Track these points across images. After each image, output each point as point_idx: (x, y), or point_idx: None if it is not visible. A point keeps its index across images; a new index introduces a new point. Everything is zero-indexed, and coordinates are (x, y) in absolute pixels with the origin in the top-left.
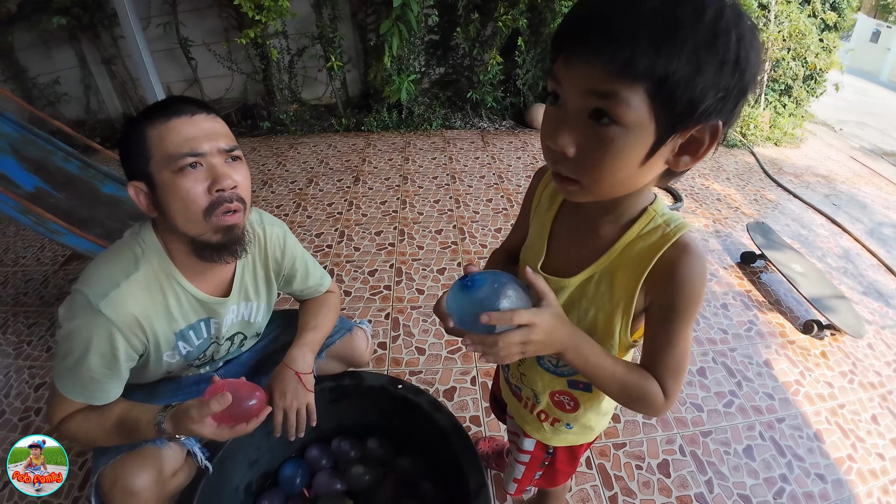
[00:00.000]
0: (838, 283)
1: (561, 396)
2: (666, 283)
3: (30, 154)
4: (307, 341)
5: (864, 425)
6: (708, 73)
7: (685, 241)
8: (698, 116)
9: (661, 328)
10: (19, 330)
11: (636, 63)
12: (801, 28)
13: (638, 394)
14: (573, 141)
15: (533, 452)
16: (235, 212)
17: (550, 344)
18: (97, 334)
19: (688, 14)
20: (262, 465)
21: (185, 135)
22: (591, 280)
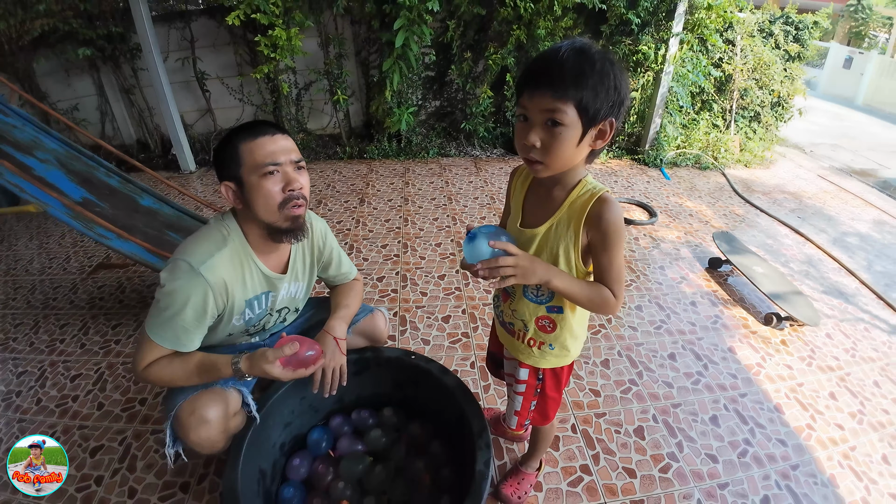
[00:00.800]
0: (799, 283)
1: (543, 321)
2: (597, 223)
3: (75, 168)
4: (341, 315)
5: (822, 401)
6: (601, 95)
7: (605, 197)
8: (601, 117)
9: (602, 254)
10: (51, 330)
11: (568, 93)
12: (764, 59)
13: (598, 299)
14: (539, 138)
15: (528, 381)
16: (300, 206)
17: (534, 272)
18: (195, 292)
19: (587, 66)
20: (294, 428)
21: (268, 149)
22: (552, 227)
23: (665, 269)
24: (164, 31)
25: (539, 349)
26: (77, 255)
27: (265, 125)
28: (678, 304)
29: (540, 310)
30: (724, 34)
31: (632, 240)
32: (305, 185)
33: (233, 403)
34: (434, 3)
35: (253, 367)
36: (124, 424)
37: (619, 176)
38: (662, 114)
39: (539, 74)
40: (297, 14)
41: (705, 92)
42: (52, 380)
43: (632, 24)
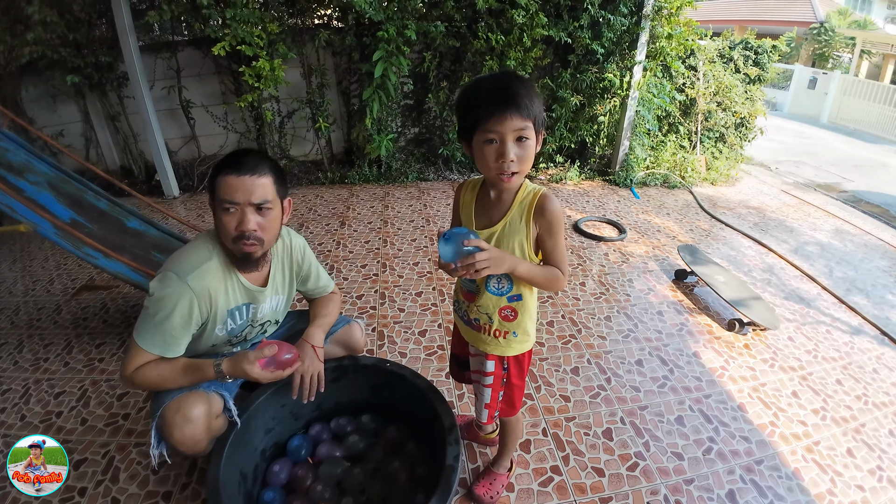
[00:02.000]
0: (761, 291)
1: (505, 311)
2: (543, 214)
3: (65, 191)
4: (319, 324)
5: (784, 399)
6: (540, 111)
7: (546, 193)
8: (542, 127)
9: (548, 240)
10: (35, 349)
11: (530, 112)
12: (726, 83)
13: (552, 276)
14: (514, 154)
15: (494, 372)
16: (251, 246)
17: (503, 261)
18: (182, 299)
19: (532, 91)
20: (274, 435)
21: (230, 188)
22: (506, 225)
23: (633, 281)
24: (151, 60)
25: (504, 338)
26: (60, 278)
27: (240, 162)
28: (646, 314)
29: (501, 301)
30: (687, 61)
31: (602, 255)
32: (265, 225)
33: (215, 405)
34: (411, 32)
35: (234, 368)
36: (108, 438)
37: (591, 196)
38: (631, 136)
39: (505, 102)
40: (280, 46)
41: (671, 115)
42: (37, 397)
43: (597, 53)
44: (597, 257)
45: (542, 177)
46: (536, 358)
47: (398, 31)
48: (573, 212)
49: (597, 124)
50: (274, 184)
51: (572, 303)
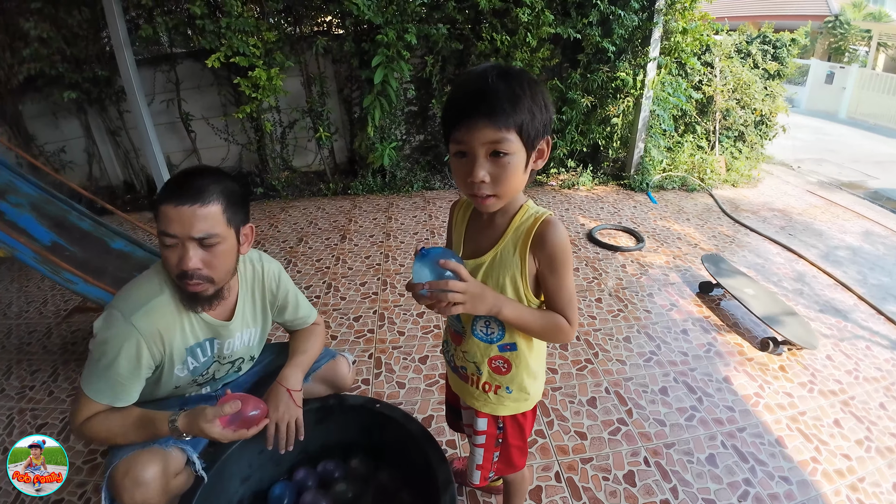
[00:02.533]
0: (794, 303)
1: (496, 361)
2: (543, 246)
3: (48, 212)
4: (297, 363)
5: (826, 429)
6: (537, 116)
7: (549, 220)
8: (539, 137)
9: (550, 278)
10: (22, 376)
11: (509, 120)
12: (744, 79)
13: (552, 326)
14: (487, 172)
15: (487, 431)
16: (196, 286)
17: (484, 299)
18: (128, 342)
19: (519, 90)
20: (253, 483)
21: (168, 219)
22: (496, 256)
23: (654, 296)
24: (150, 73)
25: (495, 394)
26: (54, 299)
27: (180, 189)
28: (668, 333)
29: (491, 349)
30: (702, 57)
31: (619, 267)
32: (211, 263)
33: (174, 463)
34: (411, 36)
35: (191, 427)
36: (85, 477)
37: (605, 202)
38: (645, 138)
39: (474, 106)
40: (277, 54)
41: (687, 114)
42: (20, 428)
43: (608, 51)
44: (613, 269)
45: (553, 182)
46: (549, 387)
47: (398, 35)
48: (587, 220)
49: (610, 126)
50: (223, 213)
51: (588, 322)
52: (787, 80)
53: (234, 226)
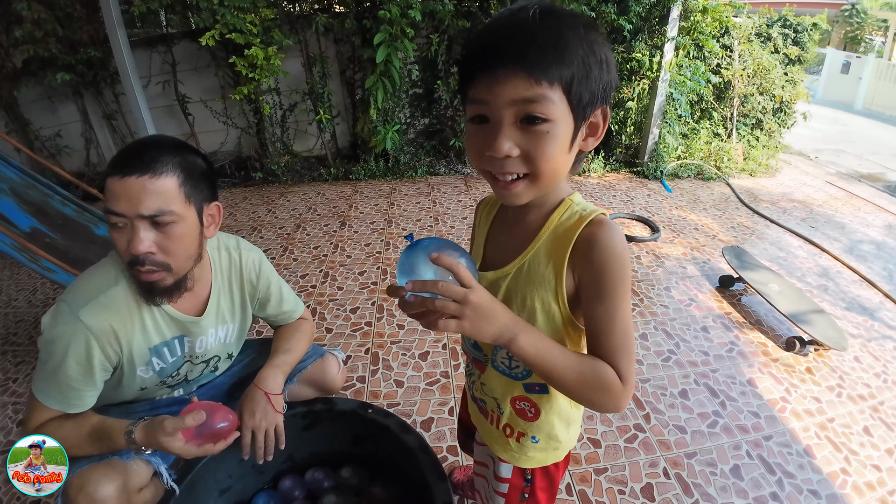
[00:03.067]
0: (819, 300)
1: (521, 403)
2: (588, 256)
3: (29, 197)
4: (279, 363)
5: (856, 438)
6: (594, 72)
7: (600, 219)
8: (594, 104)
9: (597, 304)
10: (6, 367)
11: (551, 70)
12: (764, 64)
13: (593, 380)
14: (514, 144)
15: (511, 480)
16: (149, 273)
17: (491, 319)
18: (75, 340)
19: (570, 32)
20: (233, 494)
21: (113, 193)
22: (524, 266)
23: (671, 289)
24: (146, 55)
25: (518, 441)
26: (44, 287)
27: (128, 159)
28: (688, 331)
29: (515, 387)
30: (721, 39)
31: (633, 258)
32: (169, 246)
33: (136, 477)
34: (416, 13)
35: (149, 439)
36: None
37: (618, 190)
38: (661, 123)
39: (502, 49)
40: (275, 32)
41: (704, 100)
42: (0, 423)
43: (624, 30)
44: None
45: None
46: None
47: (402, 12)
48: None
49: (623, 110)
50: (181, 186)
51: None
52: (806, 66)
53: (195, 203)
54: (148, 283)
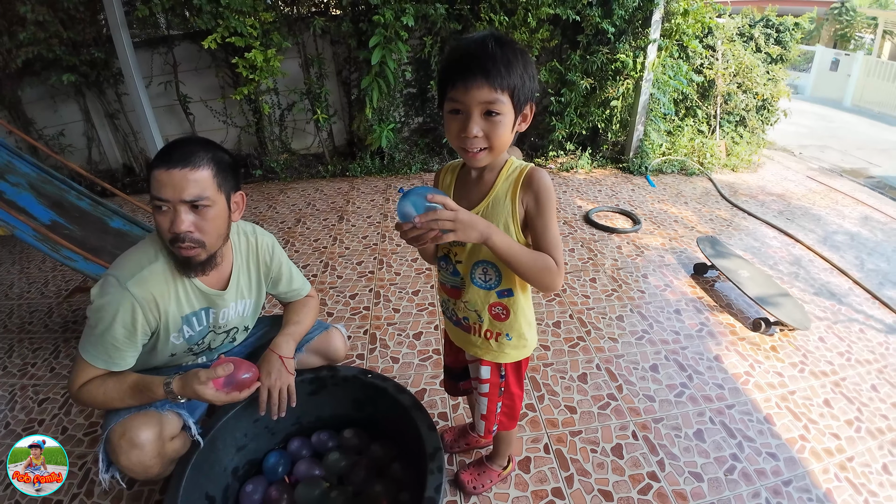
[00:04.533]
0: (789, 286)
1: (496, 308)
2: (529, 188)
3: (46, 191)
4: (290, 332)
5: (815, 409)
6: (527, 83)
7: (533, 168)
8: (526, 102)
9: (537, 220)
10: (24, 354)
11: (503, 83)
12: (746, 63)
13: (542, 264)
14: (480, 128)
15: (490, 379)
16: (188, 249)
17: (474, 226)
18: (123, 307)
19: (513, 57)
20: (248, 452)
21: (160, 183)
22: (489, 204)
23: (648, 276)
24: (148, 56)
25: (496, 341)
26: (55, 280)
27: (171, 153)
28: (661, 313)
29: (491, 296)
30: (704, 40)
31: (615, 248)
32: (202, 226)
33: (169, 427)
34: (408, 18)
35: (185, 388)
36: (86, 449)
37: (604, 185)
38: (645, 121)
39: (472, 67)
40: (274, 35)
41: (688, 98)
42: (21, 403)
43: (608, 32)
44: (609, 251)
45: (551, 165)
46: (541, 363)
47: (395, 16)
48: (584, 202)
49: (609, 109)
50: (214, 177)
51: (581, 301)
52: (790, 65)
53: (225, 192)
54: (185, 258)
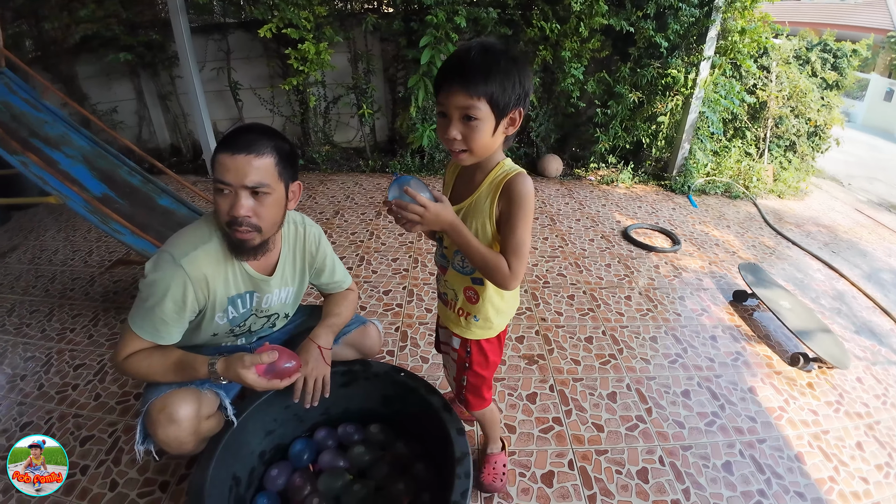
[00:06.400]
0: (830, 321)
1: (469, 291)
2: (505, 193)
3: (100, 165)
4: (329, 324)
5: (847, 451)
6: (508, 89)
7: (518, 173)
8: (510, 108)
9: (506, 224)
10: (63, 319)
11: (479, 90)
12: (801, 87)
13: (493, 263)
14: (459, 131)
15: (459, 351)
16: (244, 233)
17: (438, 220)
18: (175, 283)
19: (493, 64)
20: (275, 437)
21: (223, 167)
22: (472, 203)
23: (685, 299)
24: (203, 41)
25: (466, 319)
26: (99, 250)
27: (237, 140)
28: (696, 338)
29: (466, 280)
30: (759, 60)
31: (651, 267)
32: (260, 212)
33: (207, 405)
34: (461, 19)
35: (228, 370)
36: (117, 417)
37: (644, 201)
38: (692, 139)
39: (452, 75)
40: (327, 29)
41: (738, 119)
42: (57, 367)
43: (661, 46)
44: (645, 269)
45: (591, 177)
46: (570, 377)
47: (447, 17)
48: (623, 217)
49: (655, 124)
50: (276, 165)
51: (615, 318)
52: (845, 92)
53: (284, 180)
54: (240, 241)
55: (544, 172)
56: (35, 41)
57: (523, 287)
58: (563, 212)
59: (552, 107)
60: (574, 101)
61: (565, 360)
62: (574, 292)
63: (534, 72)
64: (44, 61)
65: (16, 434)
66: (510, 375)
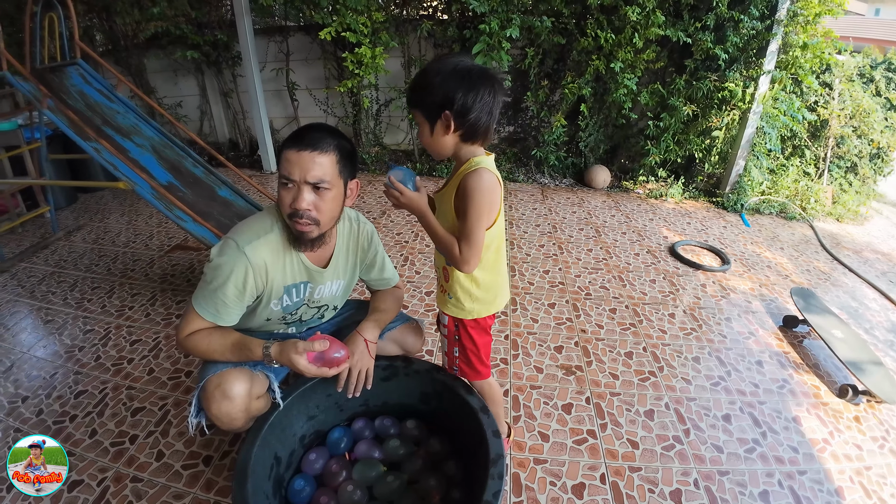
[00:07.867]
0: (883, 354)
1: (445, 270)
2: (459, 189)
3: (166, 155)
4: (376, 318)
5: (889, 489)
6: (428, 99)
7: (476, 168)
8: (435, 113)
9: (459, 214)
10: (123, 297)
11: (414, 102)
12: (864, 106)
13: (448, 245)
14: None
15: (448, 326)
16: (304, 225)
17: (413, 206)
18: (238, 268)
19: (422, 83)
20: (316, 423)
21: (289, 162)
22: (443, 193)
23: (732, 321)
24: (264, 43)
25: (444, 295)
26: (159, 235)
27: (303, 136)
28: (742, 362)
29: (443, 260)
30: (821, 76)
31: (698, 286)
32: (320, 206)
33: (258, 385)
34: (514, 30)
35: (282, 354)
36: (168, 392)
37: (694, 218)
38: (747, 156)
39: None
40: (383, 34)
41: (797, 136)
42: (114, 341)
43: (719, 59)
44: (692, 287)
45: (640, 191)
46: (607, 391)
47: (501, 25)
48: (671, 233)
49: (710, 139)
50: (337, 163)
51: (657, 335)
52: None
53: (344, 178)
54: (300, 233)
55: (591, 183)
56: (106, 35)
57: (564, 297)
58: (609, 224)
59: (603, 117)
60: (626, 113)
61: (603, 373)
62: (616, 306)
63: (586, 81)
64: (114, 55)
65: (70, 400)
66: (547, 384)
